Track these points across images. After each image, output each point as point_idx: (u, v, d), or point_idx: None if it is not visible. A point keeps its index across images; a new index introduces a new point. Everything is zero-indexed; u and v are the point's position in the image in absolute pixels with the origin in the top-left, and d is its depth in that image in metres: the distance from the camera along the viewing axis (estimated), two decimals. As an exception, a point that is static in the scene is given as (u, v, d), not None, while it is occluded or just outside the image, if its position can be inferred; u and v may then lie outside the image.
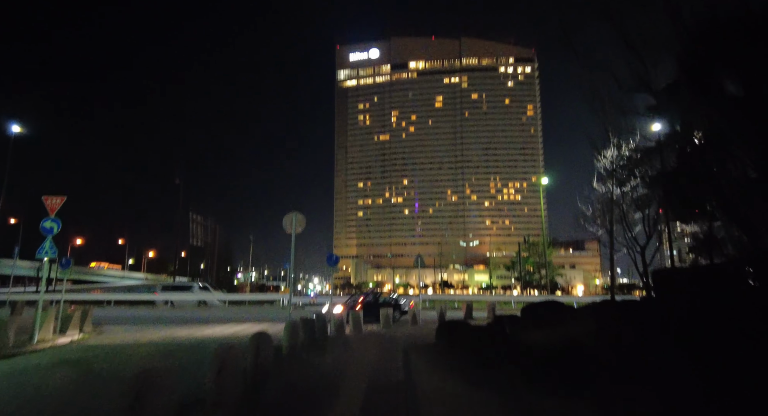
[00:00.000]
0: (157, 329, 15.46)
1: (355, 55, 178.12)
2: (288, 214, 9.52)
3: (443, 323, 9.43)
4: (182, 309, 26.91)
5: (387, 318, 15.58)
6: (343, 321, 13.78)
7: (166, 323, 18.40)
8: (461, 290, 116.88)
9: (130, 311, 24.38)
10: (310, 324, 10.24)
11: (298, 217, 9.51)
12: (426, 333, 13.12)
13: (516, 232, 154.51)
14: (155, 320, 19.88)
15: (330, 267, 13.18)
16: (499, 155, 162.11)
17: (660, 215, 14.75)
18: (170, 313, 24.11)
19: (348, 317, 14.47)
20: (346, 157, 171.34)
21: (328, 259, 13.19)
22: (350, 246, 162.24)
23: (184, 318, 21.25)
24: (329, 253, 13.21)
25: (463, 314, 18.77)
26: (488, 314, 19.00)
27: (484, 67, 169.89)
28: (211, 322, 18.72)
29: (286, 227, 9.58)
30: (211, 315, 22.57)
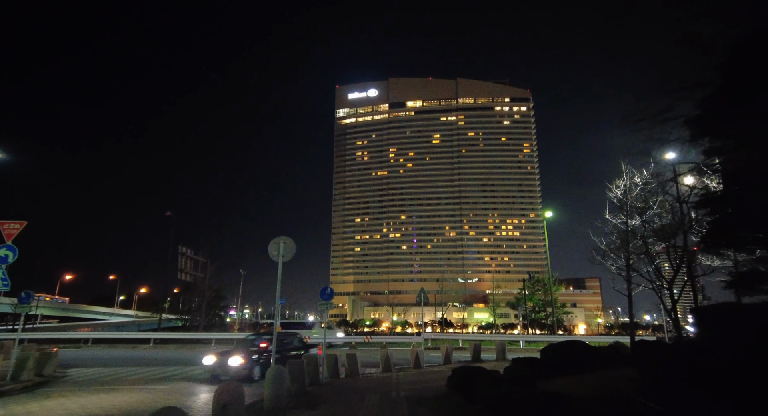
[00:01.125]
0: (130, 373, 13.76)
1: (354, 94, 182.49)
2: (275, 239, 8.28)
3: (457, 371, 7.97)
4: (165, 349, 24.89)
5: (387, 362, 13.96)
6: (338, 363, 12.19)
7: (145, 364, 16.66)
8: (460, 329, 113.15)
9: (110, 352, 22.45)
10: (298, 370, 8.77)
11: (286, 243, 8.28)
12: (433, 380, 11.54)
13: (515, 269, 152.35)
14: (134, 361, 18.10)
15: (324, 302, 11.76)
16: (497, 192, 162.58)
17: (688, 247, 13.52)
18: (151, 353, 22.18)
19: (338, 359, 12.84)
20: (344, 192, 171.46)
21: (321, 293, 11.79)
22: (347, 283, 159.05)
23: (166, 359, 19.41)
24: (324, 287, 11.81)
25: (470, 355, 17.09)
26: (498, 355, 17.32)
27: (480, 106, 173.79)
28: (185, 363, 16.98)
29: (273, 254, 8.32)
30: (187, 356, 20.68)
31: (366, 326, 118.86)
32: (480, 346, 17.02)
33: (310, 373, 10.24)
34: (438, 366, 15.76)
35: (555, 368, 9.55)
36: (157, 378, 12.72)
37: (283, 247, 8.32)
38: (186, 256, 32.37)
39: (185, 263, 32.07)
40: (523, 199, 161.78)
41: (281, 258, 8.29)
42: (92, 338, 27.49)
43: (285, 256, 8.38)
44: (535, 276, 39.87)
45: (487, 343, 24.36)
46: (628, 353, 12.19)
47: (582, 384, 7.75)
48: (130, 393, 9.77)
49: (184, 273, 31.97)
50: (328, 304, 11.69)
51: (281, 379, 7.24)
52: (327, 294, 11.75)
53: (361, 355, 21.18)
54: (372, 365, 16.31)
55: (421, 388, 9.99)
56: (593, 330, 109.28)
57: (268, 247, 8.28)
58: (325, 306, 11.68)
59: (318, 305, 11.74)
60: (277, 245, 8.29)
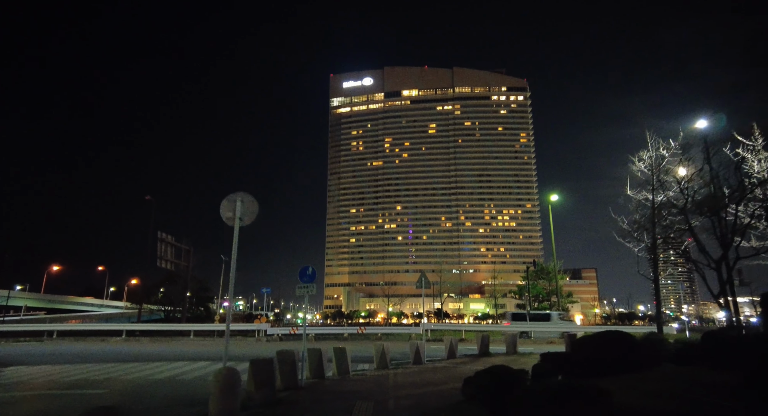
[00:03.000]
0: (77, 373, 11.59)
1: (349, 83, 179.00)
2: (229, 197, 6.12)
3: (481, 375, 5.85)
4: (137, 343, 22.73)
5: (383, 357, 11.87)
6: (323, 360, 10.09)
7: (102, 361, 14.51)
8: (456, 319, 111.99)
9: (74, 347, 20.21)
10: (264, 371, 6.63)
11: (244, 202, 6.11)
12: (440, 381, 9.46)
13: (511, 260, 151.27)
14: (95, 357, 15.95)
15: (305, 284, 9.58)
16: (493, 182, 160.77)
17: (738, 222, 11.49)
18: (118, 348, 20.00)
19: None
20: (339, 183, 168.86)
21: (301, 274, 9.59)
22: (342, 274, 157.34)
23: (130, 354, 17.26)
24: (305, 267, 9.61)
25: (477, 348, 15.07)
26: (508, 348, 15.31)
27: (477, 95, 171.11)
28: (146, 359, 14.86)
29: (226, 216, 6.16)
30: (154, 351, 18.54)
31: (361, 317, 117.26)
32: (488, 338, 14.99)
33: (286, 374, 8.11)
34: (441, 361, 13.71)
35: (595, 367, 7.50)
36: (105, 378, 10.57)
37: (241, 207, 6.14)
38: (166, 242, 30.04)
39: (165, 250, 29.76)
40: (520, 189, 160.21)
41: (238, 222, 6.13)
42: (57, 330, 25.27)
43: (243, 219, 6.21)
44: (540, 264, 37.97)
45: (493, 334, 22.42)
46: (676, 346, 10.19)
47: (646, 390, 5.67)
48: (41, 401, 7.64)
49: (164, 261, 29.67)
50: (309, 287, 9.51)
51: (231, 387, 5.11)
52: (308, 275, 9.55)
53: (354, 349, 19.12)
54: (365, 360, 14.24)
55: (427, 394, 7.88)
56: (590, 320, 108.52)
57: (220, 208, 6.11)
58: (305, 290, 9.50)
59: (296, 288, 9.60)
60: (232, 204, 6.11)
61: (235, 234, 6.07)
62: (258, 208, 6.19)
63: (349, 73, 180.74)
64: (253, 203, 6.22)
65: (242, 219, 6.18)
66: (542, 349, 19.15)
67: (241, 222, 6.16)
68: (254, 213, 6.23)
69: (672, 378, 6.72)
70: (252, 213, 6.25)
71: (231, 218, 6.18)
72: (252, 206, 6.23)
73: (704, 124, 15.94)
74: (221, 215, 6.22)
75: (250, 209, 6.24)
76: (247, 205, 6.20)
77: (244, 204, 6.18)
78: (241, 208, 6.15)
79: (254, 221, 6.29)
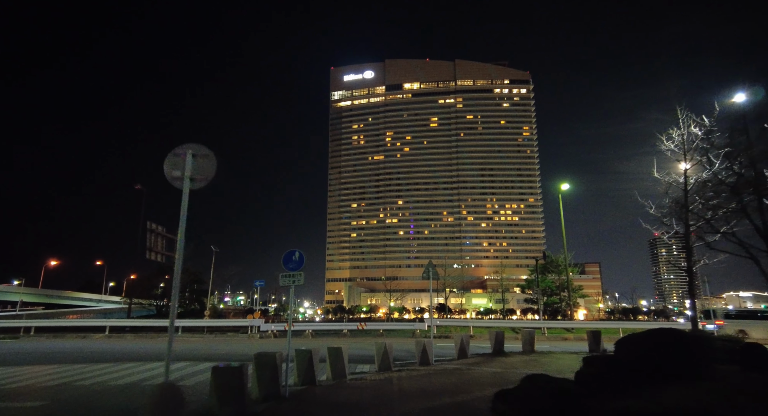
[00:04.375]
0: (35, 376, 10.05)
1: (350, 76, 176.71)
2: (176, 150, 4.38)
3: (527, 386, 4.19)
4: (120, 340, 21.20)
5: (385, 357, 10.29)
6: (315, 362, 8.49)
7: (71, 361, 12.98)
8: (458, 314, 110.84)
9: (50, 344, 18.67)
10: (232, 379, 5.06)
11: (199, 156, 4.39)
12: (457, 388, 7.85)
13: (514, 254, 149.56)
14: (66, 356, 14.46)
15: (290, 272, 7.94)
16: (496, 176, 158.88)
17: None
18: (96, 345, 18.49)
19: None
20: (340, 177, 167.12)
21: (286, 260, 7.90)
22: (343, 269, 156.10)
23: (107, 352, 15.75)
24: (290, 251, 7.95)
25: (490, 346, 13.48)
26: (525, 347, 13.72)
27: (479, 88, 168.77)
28: (121, 358, 13.32)
29: (172, 175, 4.44)
30: (133, 349, 17.03)
31: (362, 312, 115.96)
32: (503, 336, 13.38)
33: (265, 381, 6.51)
34: (451, 361, 12.11)
35: (651, 374, 5.92)
36: (59, 383, 9.01)
37: (192, 164, 4.44)
38: (156, 233, 28.33)
39: (155, 241, 28.10)
40: (522, 183, 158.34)
41: (188, 183, 4.44)
42: (35, 326, 23.76)
43: (195, 179, 4.52)
44: (550, 256, 36.29)
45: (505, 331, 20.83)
46: (725, 346, 8.59)
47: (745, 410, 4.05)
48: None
49: (153, 253, 27.98)
50: (296, 276, 7.86)
51: (167, 410, 3.52)
52: (294, 260, 7.88)
53: (354, 346, 17.62)
54: (366, 360, 12.68)
55: (443, 409, 6.26)
56: (593, 315, 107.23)
57: (164, 165, 4.41)
58: (291, 279, 7.84)
59: (280, 277, 7.95)
60: (179, 160, 4.37)
61: (184, 199, 4.42)
62: (215, 166, 4.51)
63: (350, 66, 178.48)
64: (209, 159, 4.50)
65: (193, 180, 4.52)
66: (559, 347, 17.59)
67: (192, 183, 4.50)
68: (210, 171, 4.54)
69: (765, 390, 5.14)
70: (207, 172, 4.54)
71: (178, 178, 4.51)
72: (206, 163, 4.51)
73: (742, 97, 14.26)
74: (166, 174, 4.55)
75: (204, 167, 4.51)
76: (199, 162, 4.50)
77: (196, 159, 4.49)
78: (192, 164, 4.48)
79: (209, 184, 4.58)
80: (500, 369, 10.23)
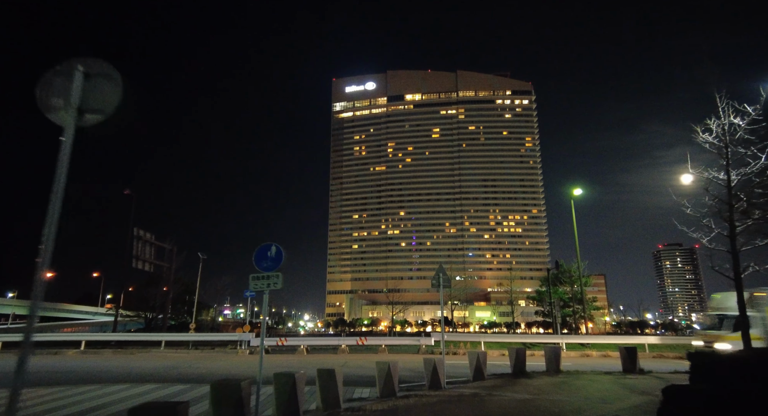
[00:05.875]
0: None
1: (351, 87, 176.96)
2: (61, 66, 2.75)
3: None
4: (96, 356, 19.37)
5: (388, 380, 8.52)
6: (296, 390, 6.74)
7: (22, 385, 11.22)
8: (462, 328, 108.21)
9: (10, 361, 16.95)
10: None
11: (93, 75, 2.72)
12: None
13: (517, 266, 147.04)
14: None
15: (264, 273, 6.27)
16: (498, 187, 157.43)
17: None
18: (61, 363, 16.68)
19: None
20: (342, 188, 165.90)
21: (259, 257, 6.18)
22: (344, 281, 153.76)
23: (68, 372, 13.95)
24: (265, 245, 6.27)
25: (510, 366, 11.68)
26: (549, 365, 11.91)
27: (481, 99, 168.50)
28: (85, 380, 11.54)
29: (50, 102, 2.80)
30: (104, 367, 15.22)
31: (364, 325, 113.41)
32: (524, 353, 11.57)
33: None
34: (467, 383, 10.32)
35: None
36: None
37: (82, 87, 2.67)
38: (144, 241, 26.79)
39: (143, 249, 26.52)
40: (525, 194, 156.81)
41: (73, 116, 2.62)
42: (3, 341, 21.94)
43: (88, 112, 2.69)
44: (563, 265, 34.42)
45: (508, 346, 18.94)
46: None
47: None
48: None
49: (141, 262, 26.43)
50: (272, 278, 6.16)
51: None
52: (271, 257, 6.16)
53: (352, 364, 15.83)
54: (365, 381, 10.89)
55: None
56: (600, 329, 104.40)
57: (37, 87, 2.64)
58: (264, 282, 6.14)
59: (250, 279, 6.23)
60: (64, 81, 2.61)
61: (67, 139, 2.68)
62: (120, 92, 2.75)
63: (352, 77, 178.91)
64: (110, 81, 2.74)
65: (83, 112, 2.75)
66: (584, 364, 15.72)
67: (81, 117, 2.75)
68: (111, 100, 2.74)
69: None
70: (106, 101, 2.74)
71: (59, 107, 2.78)
72: (109, 88, 2.74)
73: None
74: (38, 102, 2.79)
75: (103, 92, 2.76)
76: (96, 85, 2.75)
77: (92, 81, 2.76)
78: (82, 87, 2.73)
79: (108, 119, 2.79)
80: (528, 395, 8.44)
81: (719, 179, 12.86)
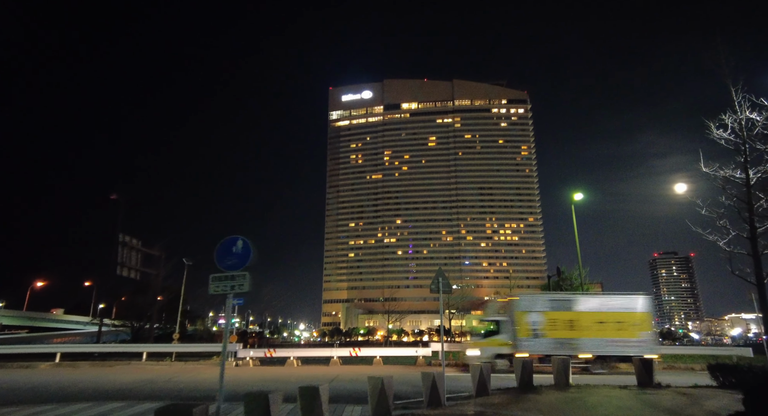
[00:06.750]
0: None
1: (348, 96, 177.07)
2: None
3: None
4: (72, 370, 18.08)
5: (382, 397, 7.53)
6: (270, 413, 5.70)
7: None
8: (458, 338, 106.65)
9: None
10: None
11: None
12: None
13: (514, 275, 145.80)
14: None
15: (228, 272, 5.29)
16: (495, 195, 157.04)
17: None
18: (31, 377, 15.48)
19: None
20: (338, 196, 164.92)
21: (221, 254, 5.17)
22: (340, 290, 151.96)
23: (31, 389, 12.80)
24: (231, 238, 5.28)
25: (516, 378, 10.67)
26: (558, 379, 10.90)
27: (477, 107, 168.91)
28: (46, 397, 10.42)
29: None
30: (73, 382, 14.05)
31: (360, 335, 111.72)
32: (531, 365, 10.60)
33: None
34: (469, 399, 9.30)
35: None
36: None
37: None
38: (130, 247, 25.66)
39: (128, 256, 25.38)
40: (521, 202, 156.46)
41: None
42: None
43: None
44: (564, 271, 33.45)
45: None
46: None
47: None
48: None
49: (126, 269, 25.27)
50: (237, 280, 5.13)
51: None
52: (236, 254, 5.13)
53: (344, 378, 14.67)
54: (357, 398, 9.86)
55: None
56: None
57: None
58: (228, 284, 5.09)
59: (211, 281, 5.21)
60: None
61: None
62: None
63: (348, 86, 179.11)
64: None
65: None
66: (594, 377, 14.74)
67: None
68: None
69: None
70: None
71: None
72: None
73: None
74: None
75: None
76: None
77: None
78: None
79: None
80: (539, 414, 7.44)
81: (736, 177, 12.05)
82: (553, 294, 20.90)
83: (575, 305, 17.89)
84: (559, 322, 17.56)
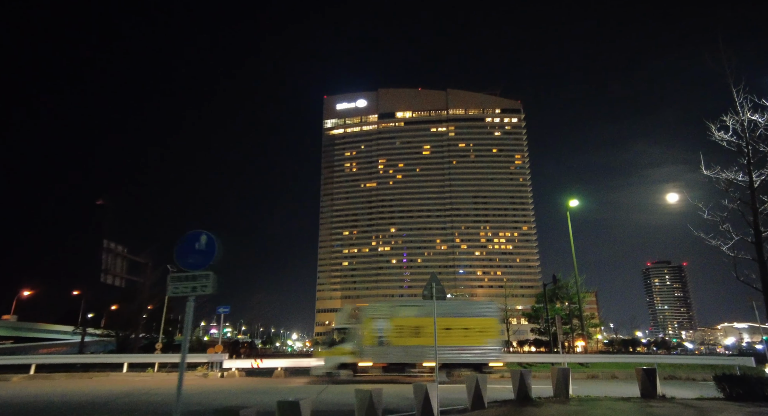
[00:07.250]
0: None
1: (343, 104, 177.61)
2: None
3: None
4: (48, 381, 17.18)
5: (368, 413, 6.96)
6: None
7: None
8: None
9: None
10: None
11: None
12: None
13: (508, 283, 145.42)
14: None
15: (190, 272, 4.74)
16: (489, 204, 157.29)
17: None
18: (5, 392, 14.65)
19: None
20: (332, 204, 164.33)
21: (181, 251, 4.61)
22: (334, 299, 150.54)
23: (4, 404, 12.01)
24: (193, 233, 4.71)
25: (513, 391, 10.09)
26: (557, 389, 10.34)
27: (471, 117, 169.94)
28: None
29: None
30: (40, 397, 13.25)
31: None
32: (530, 376, 10.03)
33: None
34: (464, 412, 8.72)
35: None
36: None
37: None
38: (115, 254, 24.86)
39: (113, 263, 24.59)
40: (516, 211, 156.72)
41: None
42: None
43: None
44: (560, 279, 32.96)
45: (513, 366, 17.30)
46: None
47: None
48: None
49: (111, 276, 24.44)
50: (200, 280, 4.56)
51: None
52: (199, 251, 4.51)
53: (332, 390, 14.00)
54: (345, 412, 9.22)
55: None
56: (592, 347, 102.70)
57: None
58: (189, 285, 4.49)
59: (169, 281, 4.64)
60: None
61: None
62: None
63: (343, 95, 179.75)
64: None
65: None
66: (593, 388, 14.09)
67: None
68: None
69: None
70: None
71: None
72: None
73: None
74: None
75: None
76: None
77: None
78: None
79: None
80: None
81: (739, 180, 11.70)
82: (403, 300, 20.29)
83: (422, 311, 17.04)
84: (406, 329, 16.81)
